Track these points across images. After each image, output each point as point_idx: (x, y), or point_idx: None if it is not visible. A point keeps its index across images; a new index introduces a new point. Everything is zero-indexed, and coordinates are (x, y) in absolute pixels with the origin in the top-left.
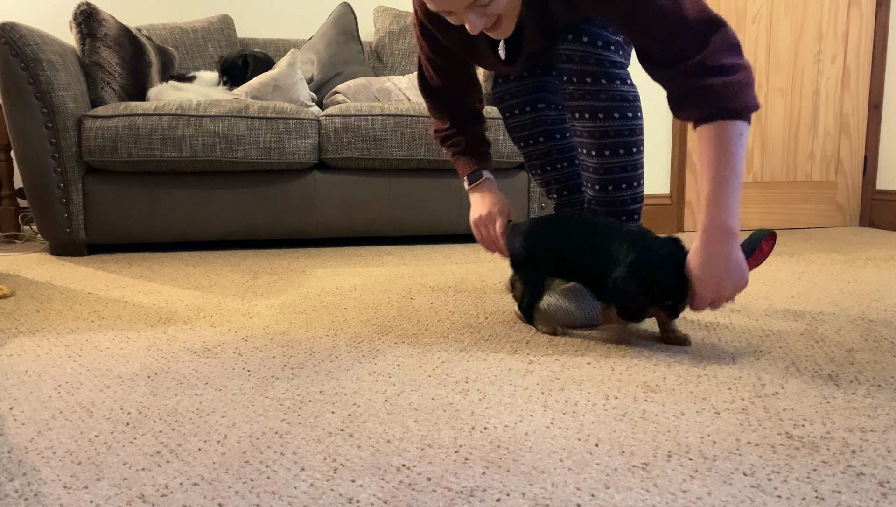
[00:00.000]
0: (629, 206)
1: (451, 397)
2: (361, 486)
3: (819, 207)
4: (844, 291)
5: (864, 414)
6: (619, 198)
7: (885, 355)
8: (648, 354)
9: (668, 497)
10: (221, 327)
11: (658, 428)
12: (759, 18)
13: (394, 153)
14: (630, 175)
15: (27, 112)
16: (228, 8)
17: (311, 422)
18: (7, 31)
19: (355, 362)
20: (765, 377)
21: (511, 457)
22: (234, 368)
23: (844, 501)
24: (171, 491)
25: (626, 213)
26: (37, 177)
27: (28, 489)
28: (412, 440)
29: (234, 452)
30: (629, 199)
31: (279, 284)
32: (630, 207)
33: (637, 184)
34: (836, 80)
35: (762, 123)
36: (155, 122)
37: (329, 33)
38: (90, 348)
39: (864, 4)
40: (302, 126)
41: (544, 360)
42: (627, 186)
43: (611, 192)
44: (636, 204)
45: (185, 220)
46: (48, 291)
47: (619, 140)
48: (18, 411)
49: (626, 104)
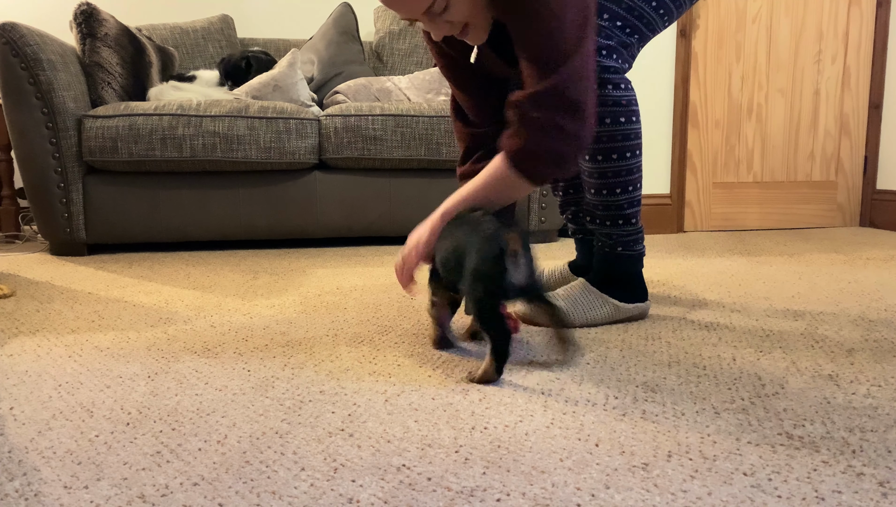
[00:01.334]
0: (625, 210)
1: (451, 397)
2: (362, 486)
3: (819, 207)
4: (845, 291)
5: (864, 414)
6: (615, 202)
7: (885, 355)
8: (648, 354)
9: (669, 497)
10: (221, 327)
11: (658, 428)
12: (759, 18)
13: (394, 153)
14: (625, 179)
15: (27, 112)
16: (228, 8)
17: (312, 422)
18: (7, 31)
19: (355, 362)
20: (765, 377)
21: (511, 457)
22: (234, 368)
23: (845, 501)
24: (171, 491)
25: (622, 217)
26: (37, 177)
27: (28, 489)
28: (412, 440)
29: (235, 452)
30: (625, 203)
31: (279, 284)
32: (626, 211)
33: (633, 188)
34: (837, 80)
35: (762, 123)
36: (155, 122)
37: (329, 33)
38: (90, 348)
39: (864, 4)
40: (302, 126)
41: (544, 360)
42: (622, 190)
43: (605, 196)
44: (632, 208)
45: (185, 220)
46: (48, 291)
47: (612, 145)
48: (19, 411)
49: (619, 109)
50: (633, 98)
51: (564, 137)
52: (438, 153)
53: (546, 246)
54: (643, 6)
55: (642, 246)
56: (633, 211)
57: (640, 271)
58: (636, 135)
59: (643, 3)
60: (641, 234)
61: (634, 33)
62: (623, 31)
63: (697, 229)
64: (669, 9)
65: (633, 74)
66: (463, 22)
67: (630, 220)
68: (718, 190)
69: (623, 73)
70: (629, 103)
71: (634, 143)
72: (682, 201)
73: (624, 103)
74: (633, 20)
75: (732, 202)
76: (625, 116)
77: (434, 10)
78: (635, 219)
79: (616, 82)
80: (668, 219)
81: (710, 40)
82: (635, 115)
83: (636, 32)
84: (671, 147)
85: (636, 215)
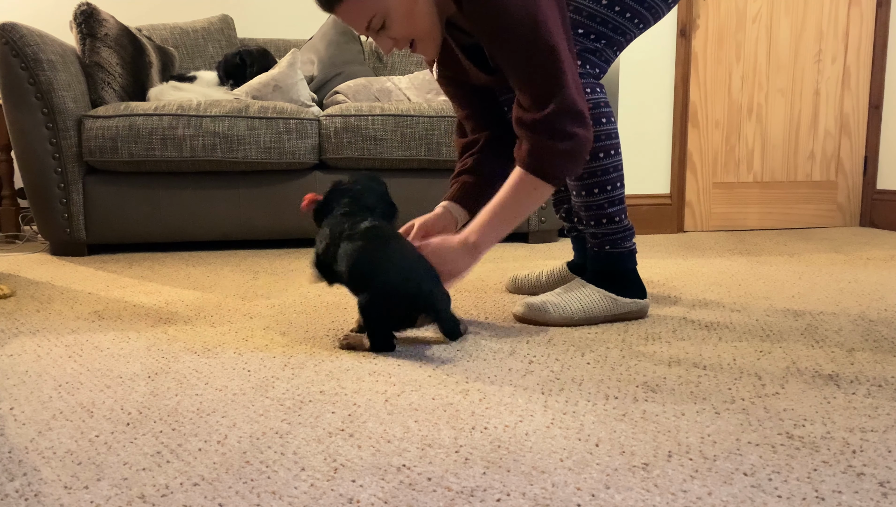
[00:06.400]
0: (606, 209)
1: (451, 397)
2: (362, 486)
3: (819, 207)
4: (845, 291)
5: (864, 414)
6: (595, 202)
7: (885, 355)
8: (649, 354)
9: (669, 497)
10: (222, 327)
11: (658, 428)
12: (760, 18)
13: (394, 153)
14: (601, 179)
15: (27, 112)
16: (228, 8)
17: (312, 422)
18: (7, 32)
19: (355, 362)
20: (765, 377)
21: (511, 457)
22: (234, 368)
23: (845, 501)
24: (171, 491)
25: (605, 216)
26: (37, 177)
27: (28, 489)
28: (412, 440)
29: (235, 452)
30: (605, 202)
31: (279, 284)
32: (608, 210)
33: (611, 187)
34: (837, 80)
35: (762, 123)
36: (155, 122)
37: (329, 33)
38: (90, 348)
39: (864, 4)
40: (302, 126)
41: (544, 360)
42: (600, 190)
43: (585, 197)
44: (614, 207)
45: (185, 220)
46: (49, 291)
47: None
48: (19, 411)
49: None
50: (601, 101)
51: (573, 138)
52: (438, 153)
53: (546, 246)
54: (605, 12)
55: (631, 243)
56: (616, 210)
57: (634, 268)
58: (608, 136)
59: (605, 9)
60: (630, 232)
61: (601, 38)
62: (587, 37)
63: (697, 229)
64: (638, 12)
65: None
66: (408, 38)
67: (614, 218)
68: (718, 190)
69: (591, 77)
70: (596, 106)
71: (606, 144)
72: (682, 201)
73: (591, 107)
74: (595, 26)
75: (732, 202)
76: (594, 118)
77: (373, 27)
78: (619, 217)
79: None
80: (668, 219)
81: (710, 40)
82: (605, 116)
83: (602, 38)
84: (671, 147)
85: (620, 214)
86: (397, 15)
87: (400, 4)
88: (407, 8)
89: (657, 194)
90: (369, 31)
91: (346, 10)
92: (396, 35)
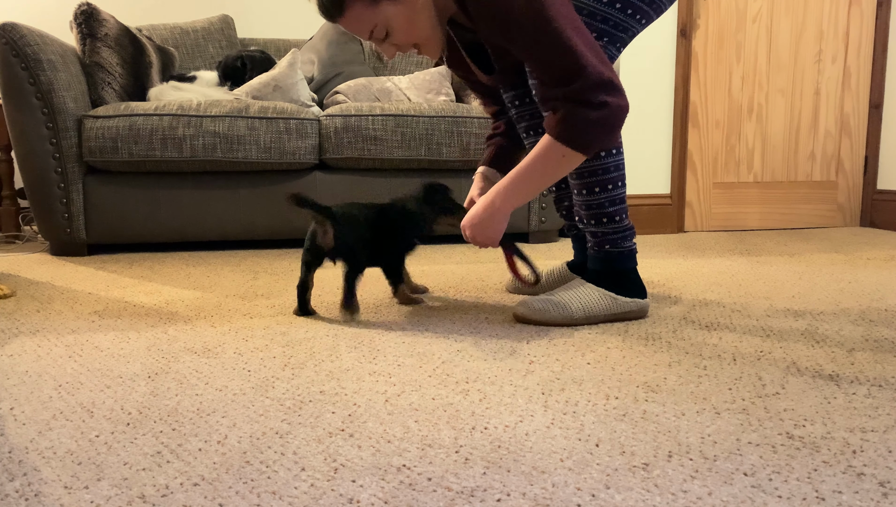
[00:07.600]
0: (607, 208)
1: (451, 397)
2: (362, 486)
3: (820, 207)
4: (845, 291)
5: (864, 414)
6: (595, 201)
7: (885, 355)
8: (649, 354)
9: (669, 497)
10: (222, 327)
11: (658, 428)
12: (760, 18)
13: (394, 153)
14: (602, 178)
15: (28, 112)
16: (228, 8)
17: (312, 422)
18: (7, 32)
19: (355, 362)
20: (765, 377)
21: (511, 457)
22: (234, 368)
23: (845, 501)
24: (171, 491)
25: (605, 215)
26: (37, 177)
27: (28, 489)
28: (412, 441)
29: (235, 452)
30: (605, 201)
31: (279, 284)
32: (608, 209)
33: (612, 186)
34: (837, 80)
35: (763, 123)
36: (155, 122)
37: (329, 33)
38: (91, 348)
39: (864, 4)
40: (302, 126)
41: (544, 360)
42: (601, 189)
43: (585, 196)
44: (615, 206)
45: (185, 220)
46: (49, 291)
47: None
48: (19, 411)
49: None
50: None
51: (606, 106)
52: (439, 153)
53: (546, 246)
54: (606, 10)
55: (631, 243)
56: (616, 209)
57: (634, 268)
58: None
59: (607, 7)
60: (630, 232)
61: (602, 36)
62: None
63: (698, 229)
64: (639, 8)
65: (633, 74)
66: (411, 44)
67: (614, 218)
68: (719, 190)
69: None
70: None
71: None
72: (683, 201)
73: None
74: (596, 24)
75: (733, 202)
76: None
77: (376, 36)
78: (619, 217)
79: None
80: (668, 219)
81: (710, 40)
82: None
83: (604, 35)
84: (671, 147)
85: (620, 213)
86: (398, 24)
87: (400, 13)
88: (407, 16)
89: (657, 194)
90: (373, 39)
91: (348, 22)
92: (399, 42)
